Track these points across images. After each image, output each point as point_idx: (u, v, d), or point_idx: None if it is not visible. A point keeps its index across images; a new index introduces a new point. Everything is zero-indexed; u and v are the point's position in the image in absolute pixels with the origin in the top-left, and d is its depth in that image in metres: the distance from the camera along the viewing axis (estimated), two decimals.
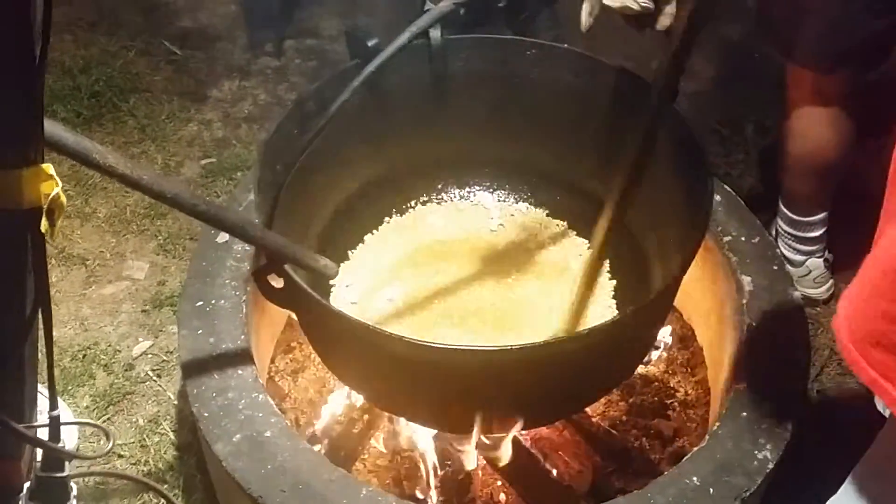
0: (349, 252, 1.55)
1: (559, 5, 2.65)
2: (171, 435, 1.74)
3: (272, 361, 1.71)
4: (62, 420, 1.02)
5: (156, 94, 2.47)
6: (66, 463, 1.04)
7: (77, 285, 2.01)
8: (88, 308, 1.97)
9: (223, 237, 1.58)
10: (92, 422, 1.47)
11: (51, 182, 0.85)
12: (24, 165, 0.83)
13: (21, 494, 1.04)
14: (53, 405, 1.01)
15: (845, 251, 2.08)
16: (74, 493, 1.04)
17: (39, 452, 1.05)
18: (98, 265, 2.05)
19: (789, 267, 1.98)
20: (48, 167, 0.85)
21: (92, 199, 2.17)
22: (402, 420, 1.55)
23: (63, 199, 0.86)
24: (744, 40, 2.61)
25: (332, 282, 1.45)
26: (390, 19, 2.69)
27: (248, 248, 1.57)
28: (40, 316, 0.96)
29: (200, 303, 1.49)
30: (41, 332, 1.02)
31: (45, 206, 0.85)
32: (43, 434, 1.00)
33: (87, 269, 2.04)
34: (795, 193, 1.95)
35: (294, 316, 1.39)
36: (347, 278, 1.48)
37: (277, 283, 1.23)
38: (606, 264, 1.52)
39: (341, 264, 1.48)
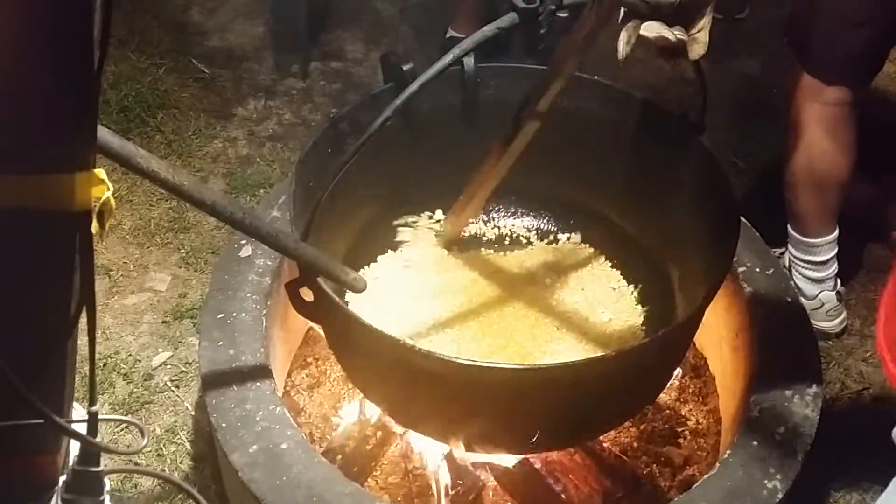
0: (374, 270, 1.58)
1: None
2: (188, 445, 1.76)
3: (289, 376, 1.73)
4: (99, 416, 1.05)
5: (183, 111, 2.52)
6: (102, 458, 1.07)
7: (100, 295, 2.04)
8: (110, 318, 2.00)
9: (246, 251, 1.62)
10: (129, 419, 1.50)
11: (102, 186, 0.88)
12: (77, 169, 0.86)
13: (57, 487, 1.06)
14: (93, 401, 1.04)
15: (858, 286, 2.10)
16: (108, 487, 1.06)
17: (74, 447, 1.08)
18: (121, 276, 2.09)
19: (803, 300, 2.00)
20: (100, 172, 0.88)
21: (117, 210, 2.21)
22: (415, 438, 1.57)
23: (113, 202, 0.90)
24: (761, 74, 2.64)
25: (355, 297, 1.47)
26: (413, 45, 2.75)
27: (269, 262, 1.60)
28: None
29: (222, 315, 1.52)
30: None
31: (95, 209, 0.88)
32: (80, 429, 1.02)
33: (111, 279, 2.08)
34: (800, 211, 1.97)
35: (319, 330, 1.41)
36: (371, 295, 1.50)
37: (308, 296, 1.26)
38: (632, 290, 1.55)
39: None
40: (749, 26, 2.84)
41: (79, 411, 1.12)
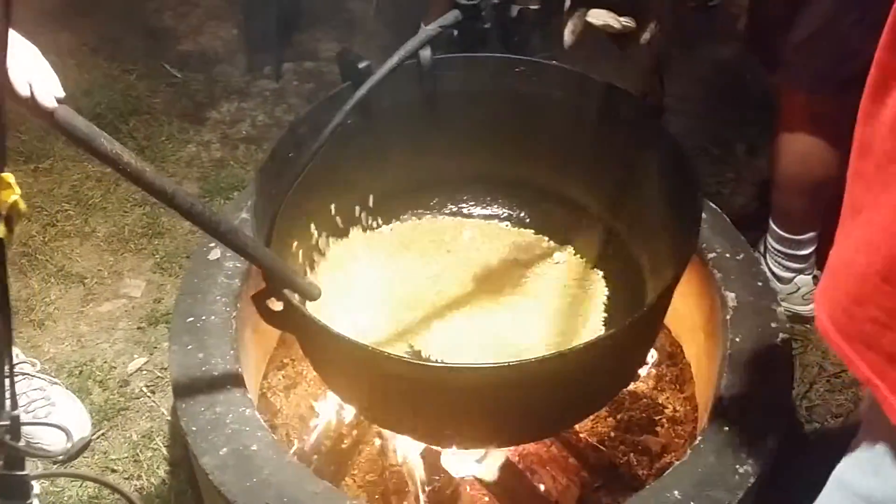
0: (342, 268, 1.56)
1: (553, 26, 2.69)
2: (164, 450, 1.76)
3: (265, 378, 1.73)
4: (24, 420, 1.03)
5: (155, 116, 2.52)
6: (28, 462, 1.05)
7: (75, 303, 2.04)
8: (85, 325, 2.00)
9: (215, 254, 1.61)
10: (51, 423, 1.49)
11: (10, 190, 0.88)
12: None
13: None
14: (14, 405, 1.02)
15: None
16: (36, 491, 1.05)
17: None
18: (96, 283, 2.08)
19: (778, 284, 2.00)
20: (8, 176, 0.88)
21: (91, 218, 2.20)
22: (391, 436, 1.56)
23: (22, 206, 0.89)
24: (735, 60, 2.64)
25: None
26: (387, 42, 2.74)
27: (239, 265, 1.59)
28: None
29: (191, 319, 1.51)
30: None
31: (3, 213, 0.88)
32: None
33: (86, 287, 2.07)
34: (786, 211, 1.96)
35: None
36: (340, 295, 1.50)
37: (276, 306, 1.25)
38: (601, 278, 1.55)
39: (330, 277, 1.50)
40: (722, 12, 2.84)
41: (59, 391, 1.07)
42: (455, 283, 1.53)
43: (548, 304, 1.51)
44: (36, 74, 0.95)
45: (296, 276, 1.24)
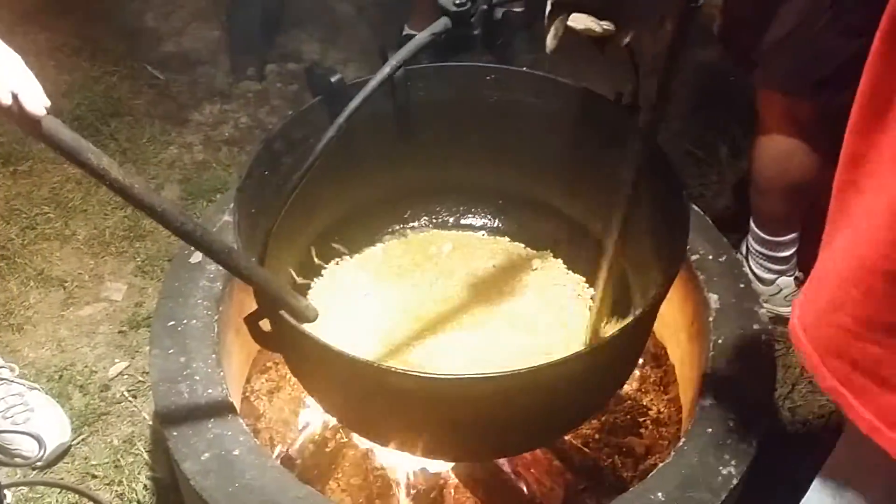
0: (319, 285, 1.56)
1: (536, 29, 2.69)
2: (146, 455, 1.74)
3: (248, 381, 1.72)
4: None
5: (137, 118, 2.50)
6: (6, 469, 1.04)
7: (55, 307, 2.02)
8: (66, 329, 1.98)
9: (196, 257, 1.60)
10: (24, 430, 1.47)
11: None
12: None
13: None
14: None
15: None
16: (8, 500, 1.04)
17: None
18: (76, 287, 2.06)
19: (760, 285, 2.01)
20: None
21: (71, 221, 2.18)
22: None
23: None
24: (718, 63, 2.65)
25: None
26: (370, 44, 2.74)
27: (220, 268, 1.58)
28: None
29: (172, 322, 1.50)
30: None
31: None
32: None
33: (66, 290, 2.05)
34: (767, 214, 1.96)
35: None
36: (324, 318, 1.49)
37: (266, 326, 1.23)
38: (583, 283, 1.55)
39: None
40: (705, 13, 2.85)
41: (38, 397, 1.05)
42: (438, 298, 1.53)
43: (529, 313, 1.50)
44: (21, 84, 0.92)
45: (293, 298, 1.21)
